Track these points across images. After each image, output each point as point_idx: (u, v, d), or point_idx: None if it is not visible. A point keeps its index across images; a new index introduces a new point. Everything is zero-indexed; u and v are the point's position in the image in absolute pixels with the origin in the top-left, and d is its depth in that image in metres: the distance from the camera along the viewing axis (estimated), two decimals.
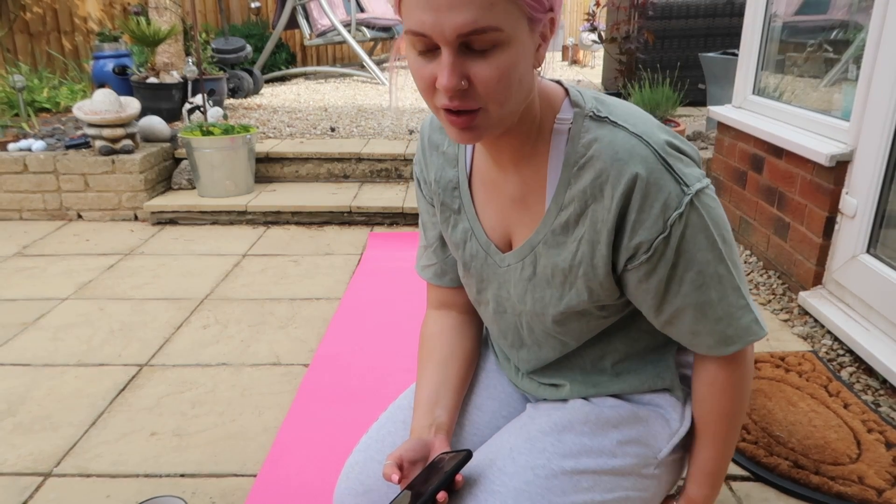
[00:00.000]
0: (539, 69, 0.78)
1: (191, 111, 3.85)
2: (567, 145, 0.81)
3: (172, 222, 3.31)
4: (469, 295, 1.02)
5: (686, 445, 0.99)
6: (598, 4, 4.18)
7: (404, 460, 0.88)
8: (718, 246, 0.80)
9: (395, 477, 0.84)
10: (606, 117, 0.79)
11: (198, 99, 3.85)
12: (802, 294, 2.21)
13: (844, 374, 1.87)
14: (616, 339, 0.94)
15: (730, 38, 4.57)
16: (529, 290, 0.89)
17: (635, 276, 0.81)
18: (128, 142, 3.29)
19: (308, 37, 5.95)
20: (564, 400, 0.98)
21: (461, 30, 0.67)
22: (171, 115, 4.04)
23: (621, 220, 0.78)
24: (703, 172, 0.81)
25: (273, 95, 5.44)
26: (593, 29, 4.26)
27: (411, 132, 4.02)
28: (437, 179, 0.96)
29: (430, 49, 0.70)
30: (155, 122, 3.56)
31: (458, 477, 0.86)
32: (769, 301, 2.32)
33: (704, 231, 0.78)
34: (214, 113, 3.81)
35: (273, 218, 3.28)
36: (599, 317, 0.90)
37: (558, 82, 0.86)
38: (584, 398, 0.97)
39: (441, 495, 0.81)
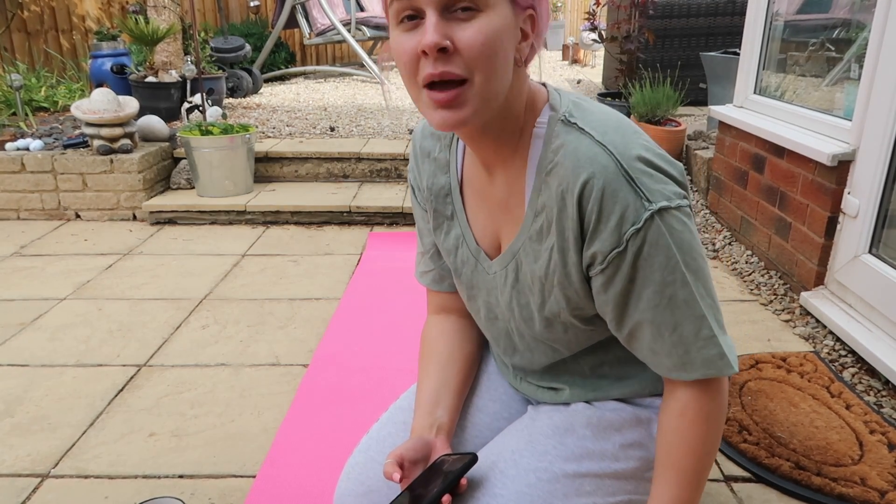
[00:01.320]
0: (522, 66, 0.77)
1: (189, 110, 3.84)
2: (542, 150, 0.81)
3: (171, 222, 3.30)
4: (464, 299, 1.01)
5: None
6: (597, 3, 4.17)
7: (405, 459, 0.87)
8: (681, 269, 0.77)
9: (397, 476, 0.83)
10: (575, 123, 0.78)
11: (196, 98, 3.84)
12: (804, 294, 2.21)
13: (846, 374, 1.86)
14: (614, 348, 0.92)
15: (731, 37, 4.57)
16: (514, 297, 0.89)
17: (595, 284, 0.80)
18: (126, 141, 3.28)
19: (307, 36, 5.94)
20: (566, 403, 0.98)
21: None
22: (170, 115, 4.03)
23: (583, 228, 0.77)
24: (679, 192, 0.77)
25: (272, 95, 5.43)
26: (593, 28, 4.25)
27: (411, 132, 4.01)
28: (430, 186, 0.95)
29: (413, 18, 0.71)
30: (153, 122, 3.55)
31: (463, 481, 0.85)
32: (771, 301, 2.31)
33: (665, 251, 0.75)
34: (213, 112, 3.80)
35: (272, 218, 3.27)
36: (587, 330, 0.88)
37: (543, 84, 0.85)
38: (586, 401, 0.97)
39: (445, 498, 0.81)
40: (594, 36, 4.52)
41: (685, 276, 0.77)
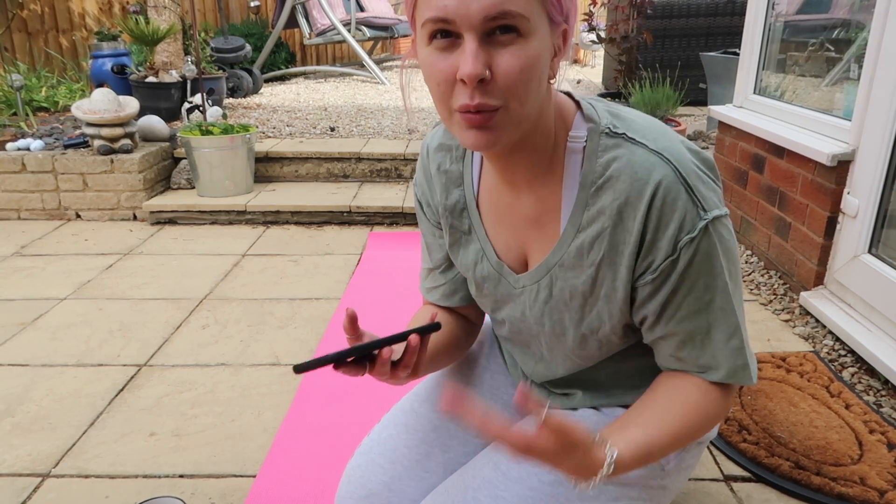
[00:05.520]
0: (553, 81, 0.75)
1: (190, 110, 3.84)
2: (583, 165, 0.78)
3: (171, 222, 3.30)
4: (485, 311, 0.98)
5: (696, 456, 0.98)
6: (594, 3, 4.17)
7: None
8: (724, 277, 0.76)
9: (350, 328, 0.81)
10: (624, 133, 0.76)
11: (197, 98, 3.84)
12: (804, 294, 2.21)
13: (846, 374, 1.86)
14: (632, 357, 0.91)
15: (731, 38, 4.57)
16: (546, 312, 0.86)
17: (641, 293, 0.79)
18: (126, 141, 3.28)
19: (307, 36, 5.94)
20: (573, 409, 0.98)
21: (489, 11, 0.64)
22: (170, 115, 4.03)
23: (643, 240, 0.75)
24: (721, 199, 0.78)
25: (272, 95, 5.43)
26: (591, 29, 4.25)
27: (411, 132, 4.01)
28: (444, 202, 0.92)
29: (449, 39, 0.68)
30: (154, 122, 3.55)
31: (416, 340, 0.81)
32: (770, 301, 2.31)
33: (714, 260, 0.75)
34: (213, 112, 3.80)
35: (272, 218, 3.27)
36: (621, 344, 0.87)
37: (568, 94, 0.83)
38: (595, 408, 0.96)
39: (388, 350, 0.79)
40: (592, 37, 4.52)
41: (727, 284, 0.77)
